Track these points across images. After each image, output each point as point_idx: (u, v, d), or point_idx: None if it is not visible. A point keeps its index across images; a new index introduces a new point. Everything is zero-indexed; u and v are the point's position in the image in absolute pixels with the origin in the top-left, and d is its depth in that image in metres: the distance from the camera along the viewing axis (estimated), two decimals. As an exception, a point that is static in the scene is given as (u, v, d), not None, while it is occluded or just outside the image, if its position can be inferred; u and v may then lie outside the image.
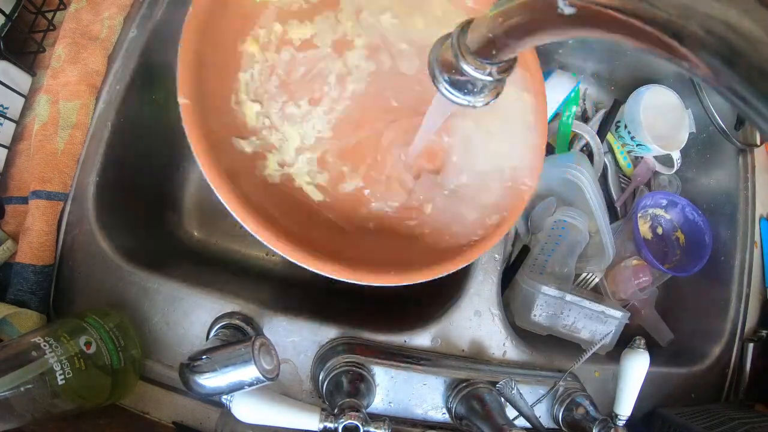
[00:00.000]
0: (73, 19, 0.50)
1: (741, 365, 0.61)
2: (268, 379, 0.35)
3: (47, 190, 0.46)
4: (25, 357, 0.34)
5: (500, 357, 0.50)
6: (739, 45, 0.13)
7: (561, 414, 0.47)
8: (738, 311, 0.61)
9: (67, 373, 0.36)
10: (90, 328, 0.40)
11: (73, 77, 0.48)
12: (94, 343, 0.39)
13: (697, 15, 0.13)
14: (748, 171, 0.66)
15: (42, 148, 0.47)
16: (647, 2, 0.15)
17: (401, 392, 0.47)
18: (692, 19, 0.14)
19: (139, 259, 0.47)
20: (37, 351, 0.35)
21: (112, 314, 0.44)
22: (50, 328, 0.38)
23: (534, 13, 0.19)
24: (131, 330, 0.44)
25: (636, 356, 0.44)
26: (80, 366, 0.37)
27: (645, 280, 0.65)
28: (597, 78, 0.73)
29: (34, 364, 0.34)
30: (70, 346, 0.37)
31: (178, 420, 0.44)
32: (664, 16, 0.14)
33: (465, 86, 0.26)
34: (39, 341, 0.36)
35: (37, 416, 0.34)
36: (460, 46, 0.24)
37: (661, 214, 0.70)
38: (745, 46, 0.12)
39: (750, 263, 0.63)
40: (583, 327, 0.56)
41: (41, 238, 0.45)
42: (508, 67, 0.24)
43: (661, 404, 0.55)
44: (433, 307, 0.50)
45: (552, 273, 0.58)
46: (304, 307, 0.48)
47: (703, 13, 0.13)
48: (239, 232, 0.62)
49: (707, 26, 0.13)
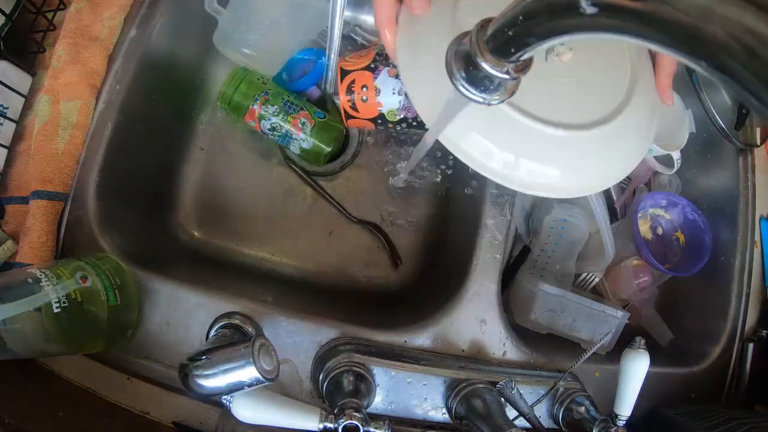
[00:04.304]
0: (73, 20, 0.50)
1: (741, 365, 0.60)
2: (268, 380, 0.35)
3: (48, 190, 0.46)
4: (22, 286, 0.35)
5: (500, 357, 0.50)
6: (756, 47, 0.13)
7: (561, 414, 0.47)
8: (738, 311, 0.61)
9: (62, 302, 0.36)
10: (87, 266, 0.41)
11: (73, 77, 0.48)
12: (90, 278, 0.40)
13: (717, 17, 0.14)
14: (749, 171, 0.66)
15: (43, 148, 0.47)
16: (668, 4, 0.15)
17: (401, 392, 0.47)
18: (712, 21, 0.14)
19: (139, 259, 0.47)
20: (34, 280, 0.36)
21: (108, 258, 0.44)
22: (47, 265, 0.39)
23: (555, 12, 0.19)
24: (127, 275, 0.44)
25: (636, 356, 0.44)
26: (76, 297, 0.37)
27: (645, 280, 0.65)
28: (597, 78, 0.73)
29: (30, 293, 0.35)
30: (66, 278, 0.38)
31: (178, 420, 0.44)
32: (684, 18, 0.15)
33: (482, 83, 0.26)
34: (36, 272, 0.36)
35: (32, 349, 0.35)
36: (478, 43, 0.24)
37: (661, 215, 0.70)
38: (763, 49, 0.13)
39: (750, 263, 0.62)
40: (583, 326, 0.56)
41: (42, 238, 0.45)
42: (525, 66, 0.25)
43: (661, 404, 0.55)
44: (433, 308, 0.50)
45: (552, 272, 0.58)
46: (304, 307, 0.48)
47: (722, 15, 0.14)
48: (239, 232, 0.62)
49: (727, 28, 0.14)
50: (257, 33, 0.54)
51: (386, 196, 0.65)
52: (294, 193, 0.63)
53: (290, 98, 0.57)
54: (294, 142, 0.58)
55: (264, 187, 0.63)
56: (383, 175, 0.65)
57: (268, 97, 0.56)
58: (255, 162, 0.63)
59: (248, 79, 0.56)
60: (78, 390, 0.44)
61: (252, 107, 0.56)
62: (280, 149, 0.63)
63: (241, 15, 0.54)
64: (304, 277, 0.62)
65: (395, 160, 0.65)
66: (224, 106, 0.58)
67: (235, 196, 0.62)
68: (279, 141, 0.59)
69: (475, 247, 0.50)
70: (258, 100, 0.56)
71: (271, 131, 0.58)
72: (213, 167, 0.62)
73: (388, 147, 0.66)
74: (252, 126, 0.58)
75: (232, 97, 0.56)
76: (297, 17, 0.55)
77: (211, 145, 0.63)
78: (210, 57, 0.62)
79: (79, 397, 0.43)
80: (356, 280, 0.63)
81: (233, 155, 0.63)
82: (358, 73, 0.54)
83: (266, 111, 0.56)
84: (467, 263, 0.50)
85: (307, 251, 0.62)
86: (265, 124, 0.57)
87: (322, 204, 0.63)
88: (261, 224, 0.62)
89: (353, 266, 0.63)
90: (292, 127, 0.57)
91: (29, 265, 0.43)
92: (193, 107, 0.62)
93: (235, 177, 0.63)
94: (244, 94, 0.56)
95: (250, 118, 0.57)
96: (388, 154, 0.66)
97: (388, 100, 0.54)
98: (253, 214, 0.62)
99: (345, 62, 0.55)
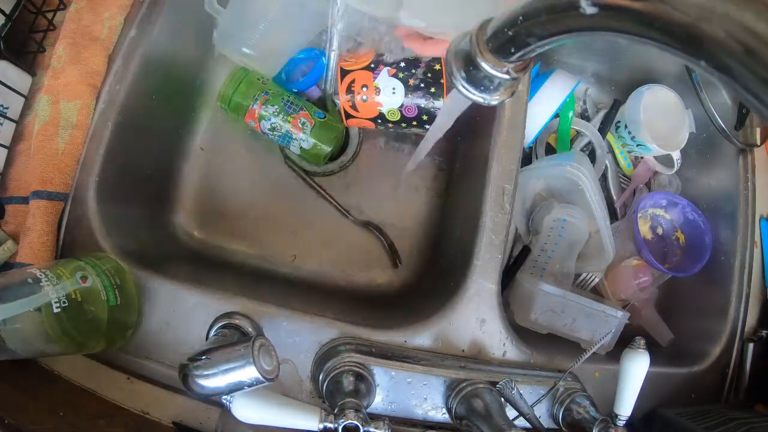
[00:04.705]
0: (73, 20, 0.50)
1: (741, 365, 0.60)
2: (268, 380, 0.35)
3: (48, 190, 0.46)
4: (22, 286, 0.35)
5: (500, 357, 0.50)
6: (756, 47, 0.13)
7: (561, 414, 0.47)
8: (738, 311, 0.61)
9: (62, 302, 0.36)
10: (87, 266, 0.41)
11: (73, 77, 0.48)
12: (90, 278, 0.40)
13: (716, 17, 0.14)
14: (748, 171, 0.66)
15: (43, 148, 0.47)
16: (668, 4, 0.15)
17: (401, 392, 0.47)
18: (711, 20, 0.14)
19: (139, 259, 0.47)
20: (35, 280, 0.36)
21: (108, 258, 0.44)
22: (47, 265, 0.39)
23: (555, 13, 0.19)
24: (127, 275, 0.44)
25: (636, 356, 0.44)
26: (76, 297, 0.37)
27: (645, 280, 0.65)
28: (597, 78, 0.73)
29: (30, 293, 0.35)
30: (66, 278, 0.38)
31: (178, 420, 0.44)
32: (683, 18, 0.15)
33: (481, 83, 0.26)
34: (36, 272, 0.36)
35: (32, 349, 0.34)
36: (479, 43, 0.24)
37: (661, 214, 0.70)
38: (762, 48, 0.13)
39: (750, 263, 0.62)
40: (583, 326, 0.56)
41: (42, 238, 0.45)
42: (525, 66, 0.25)
43: (661, 404, 0.55)
44: (433, 308, 0.50)
45: (552, 272, 0.58)
46: (304, 307, 0.48)
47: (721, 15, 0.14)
48: (239, 232, 0.62)
49: (726, 28, 0.14)
50: (257, 33, 0.54)
51: (386, 196, 0.65)
52: (294, 193, 0.63)
53: (290, 98, 0.57)
54: (294, 142, 0.58)
55: (264, 187, 0.63)
56: (383, 175, 0.65)
57: (268, 97, 0.56)
58: (255, 162, 0.63)
59: (248, 79, 0.56)
60: (78, 390, 0.44)
61: (252, 107, 0.56)
62: (280, 149, 0.63)
63: (241, 15, 0.54)
64: (304, 277, 0.62)
65: (395, 160, 0.65)
66: (224, 106, 0.58)
67: (235, 196, 0.62)
68: (279, 141, 0.59)
69: (475, 247, 0.50)
70: (258, 100, 0.56)
71: (271, 131, 0.58)
72: (213, 167, 0.62)
73: (388, 147, 0.66)
74: (252, 126, 0.58)
75: (232, 97, 0.56)
76: (297, 17, 0.55)
77: (211, 145, 0.63)
78: (210, 57, 0.62)
79: (79, 397, 0.43)
80: (356, 280, 0.63)
81: (233, 155, 0.63)
82: (358, 72, 0.54)
83: (266, 111, 0.56)
84: (467, 263, 0.50)
85: (307, 251, 0.62)
86: (265, 124, 0.57)
87: (322, 204, 0.63)
88: (261, 224, 0.62)
89: (353, 266, 0.63)
90: (292, 127, 0.57)
91: (29, 265, 0.43)
92: (193, 107, 0.62)
93: (235, 177, 0.63)
94: (244, 94, 0.56)
95: (250, 118, 0.57)
96: (388, 154, 0.66)
97: (388, 99, 0.54)
98: (253, 214, 0.62)
99: (345, 62, 0.55)
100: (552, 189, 0.63)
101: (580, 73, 0.71)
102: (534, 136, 0.63)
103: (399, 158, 0.66)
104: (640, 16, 0.16)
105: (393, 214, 0.65)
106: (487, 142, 0.54)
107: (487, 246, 0.50)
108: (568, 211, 0.59)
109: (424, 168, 0.66)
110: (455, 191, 0.64)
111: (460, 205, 0.60)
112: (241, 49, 0.55)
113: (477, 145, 0.58)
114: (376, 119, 0.56)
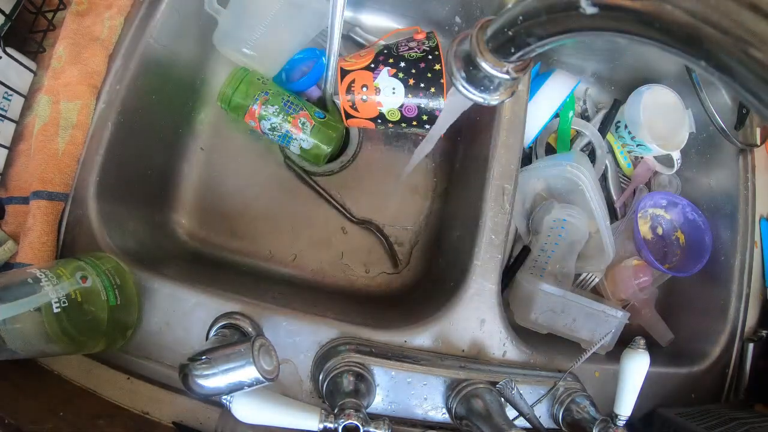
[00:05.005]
0: (73, 20, 0.51)
1: (741, 365, 0.60)
2: (268, 380, 0.35)
3: (48, 191, 0.46)
4: (22, 286, 0.35)
5: (500, 357, 0.50)
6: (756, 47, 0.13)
7: (561, 414, 0.47)
8: (738, 311, 0.61)
9: (62, 302, 0.36)
10: (87, 266, 0.41)
11: (73, 77, 0.48)
12: (90, 278, 0.40)
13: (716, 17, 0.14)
14: (748, 171, 0.66)
15: (43, 148, 0.47)
16: (668, 4, 0.15)
17: (401, 392, 0.47)
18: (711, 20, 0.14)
19: (139, 259, 0.47)
20: (35, 280, 0.36)
21: (108, 258, 0.44)
22: (47, 265, 0.39)
23: (555, 13, 0.19)
24: (127, 275, 0.44)
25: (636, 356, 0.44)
26: (76, 297, 0.37)
27: (645, 280, 0.65)
28: (597, 78, 0.73)
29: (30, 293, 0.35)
30: (66, 278, 0.38)
31: (178, 420, 0.44)
32: (683, 18, 0.15)
33: (481, 83, 0.26)
34: (36, 272, 0.36)
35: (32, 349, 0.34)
36: (478, 43, 0.24)
37: (661, 214, 0.70)
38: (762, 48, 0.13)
39: (750, 263, 0.63)
40: (583, 326, 0.56)
41: (42, 238, 0.45)
42: (525, 66, 0.25)
43: (661, 404, 0.55)
44: (433, 308, 0.50)
45: (552, 272, 0.58)
46: (304, 307, 0.48)
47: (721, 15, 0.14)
48: (239, 232, 0.62)
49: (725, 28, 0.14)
50: (257, 33, 0.54)
51: (386, 196, 0.65)
52: (294, 193, 0.63)
53: (290, 98, 0.57)
54: (294, 142, 0.58)
55: (264, 187, 0.63)
56: (383, 175, 0.65)
57: (268, 97, 0.56)
58: (255, 162, 0.63)
59: (248, 79, 0.56)
60: (78, 390, 0.44)
61: (252, 107, 0.56)
62: (280, 149, 0.63)
63: (241, 15, 0.54)
64: (304, 277, 0.62)
65: (395, 160, 0.65)
66: (224, 106, 0.58)
67: (235, 196, 0.62)
68: (279, 141, 0.59)
69: (475, 247, 0.50)
70: (258, 100, 0.56)
71: (271, 131, 0.58)
72: (213, 167, 0.62)
73: (388, 147, 0.66)
74: (252, 126, 0.58)
75: (232, 97, 0.56)
76: (297, 17, 0.55)
77: (211, 145, 0.63)
78: (210, 57, 0.62)
79: (79, 397, 0.43)
80: (356, 280, 0.63)
81: (233, 155, 0.63)
82: (358, 72, 0.54)
83: (266, 111, 0.56)
84: (467, 263, 0.50)
85: (307, 251, 0.62)
86: (265, 124, 0.57)
87: (322, 204, 0.63)
88: (261, 224, 0.62)
89: (353, 266, 0.63)
90: (292, 127, 0.57)
91: (29, 265, 0.43)
92: (194, 107, 0.62)
93: (235, 177, 0.63)
94: (244, 94, 0.56)
95: (250, 118, 0.57)
96: (388, 154, 0.66)
97: (388, 99, 0.54)
98: (253, 214, 0.62)
99: (345, 62, 0.55)
100: (552, 189, 0.63)
101: (580, 73, 0.71)
102: (534, 136, 0.63)
103: (399, 158, 0.66)
104: (640, 16, 0.16)
105: (393, 214, 0.65)
106: (487, 142, 0.54)
107: (487, 246, 0.50)
108: (568, 211, 0.59)
109: (424, 168, 0.66)
110: (455, 191, 0.64)
111: (460, 205, 0.60)
112: (241, 49, 0.55)
113: (477, 145, 0.58)
114: (376, 119, 0.56)
